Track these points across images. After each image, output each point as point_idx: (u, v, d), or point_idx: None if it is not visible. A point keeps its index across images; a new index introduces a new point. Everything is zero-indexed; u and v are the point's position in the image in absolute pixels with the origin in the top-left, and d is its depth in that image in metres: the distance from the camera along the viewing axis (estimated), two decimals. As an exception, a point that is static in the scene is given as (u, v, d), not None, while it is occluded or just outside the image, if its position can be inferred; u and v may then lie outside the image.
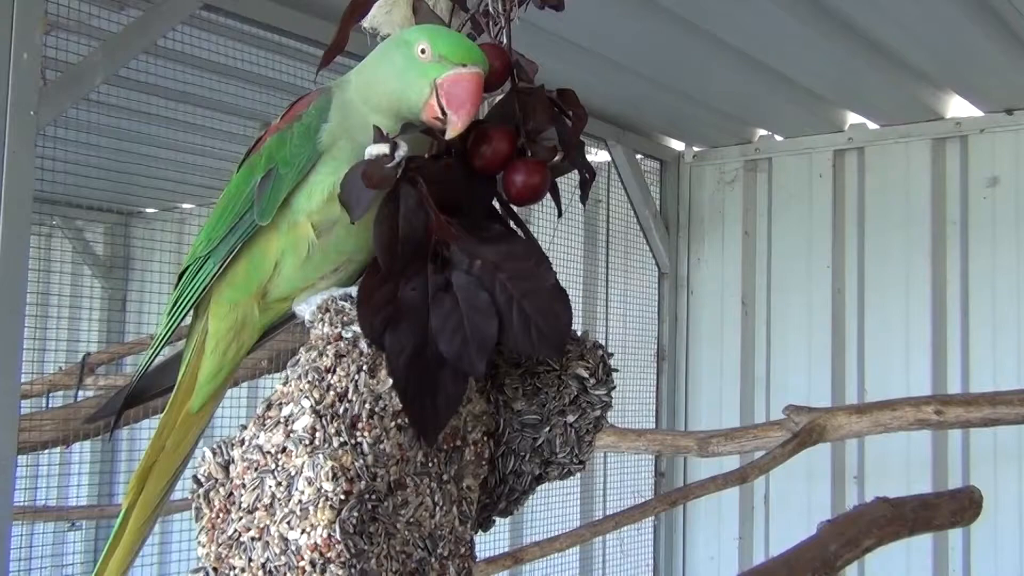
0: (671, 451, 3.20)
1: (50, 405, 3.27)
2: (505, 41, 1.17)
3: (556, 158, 1.12)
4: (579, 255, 4.27)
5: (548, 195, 1.15)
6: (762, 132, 4.47)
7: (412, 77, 1.05)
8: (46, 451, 3.03)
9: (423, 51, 1.05)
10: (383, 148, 1.02)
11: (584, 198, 1.17)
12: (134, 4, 2.66)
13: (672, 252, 4.60)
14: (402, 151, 1.02)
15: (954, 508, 2.15)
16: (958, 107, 3.96)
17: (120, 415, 1.23)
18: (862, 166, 4.24)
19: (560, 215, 1.19)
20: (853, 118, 4.20)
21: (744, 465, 2.64)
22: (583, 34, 3.24)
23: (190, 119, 3.64)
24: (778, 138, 4.44)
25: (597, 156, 4.31)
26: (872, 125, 4.19)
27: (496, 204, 1.15)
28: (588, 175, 1.17)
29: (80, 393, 3.24)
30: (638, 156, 4.47)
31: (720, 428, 3.09)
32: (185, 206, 4.74)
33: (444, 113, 1.04)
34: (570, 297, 1.06)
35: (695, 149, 4.68)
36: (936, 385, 3.92)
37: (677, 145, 4.69)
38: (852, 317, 4.19)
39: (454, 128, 1.04)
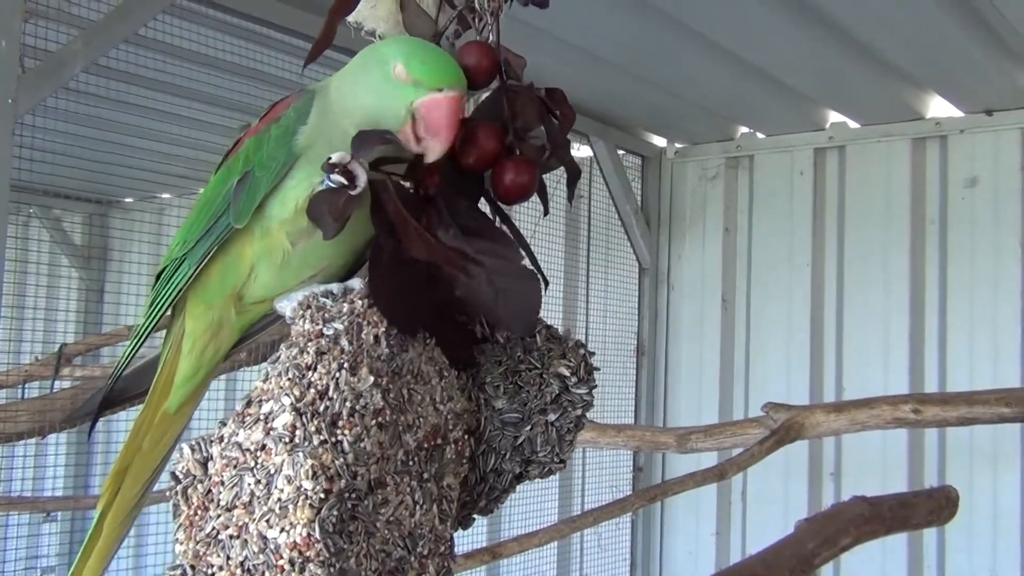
0: (650, 447, 3.23)
1: (26, 396, 3.24)
2: (492, 38, 1.16)
3: (544, 157, 1.12)
4: (560, 250, 4.27)
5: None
6: (744, 129, 4.48)
7: (388, 99, 1.04)
8: (21, 442, 3.01)
9: (398, 73, 1.03)
10: (341, 180, 1.00)
11: (570, 197, 1.17)
12: (114, -8, 2.64)
13: (653, 248, 4.61)
14: (362, 180, 1.00)
15: (931, 507, 2.17)
16: (938, 107, 3.98)
17: (97, 418, 1.20)
18: (843, 164, 4.25)
19: (546, 213, 1.18)
20: (834, 116, 4.21)
21: (722, 462, 2.67)
22: (566, 29, 3.23)
23: (170, 109, 3.62)
24: (760, 135, 4.45)
25: (579, 151, 4.30)
26: (853, 124, 4.21)
27: (485, 202, 1.14)
28: (574, 173, 1.17)
29: (56, 384, 3.21)
30: (620, 152, 4.47)
31: (699, 424, 3.12)
32: (164, 196, 4.71)
33: (420, 138, 1.04)
34: (551, 292, 1.06)
35: (677, 145, 4.68)
36: (914, 384, 3.94)
37: (659, 141, 4.69)
38: (831, 315, 4.21)
39: (433, 153, 1.04)
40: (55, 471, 3.79)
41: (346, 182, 1.00)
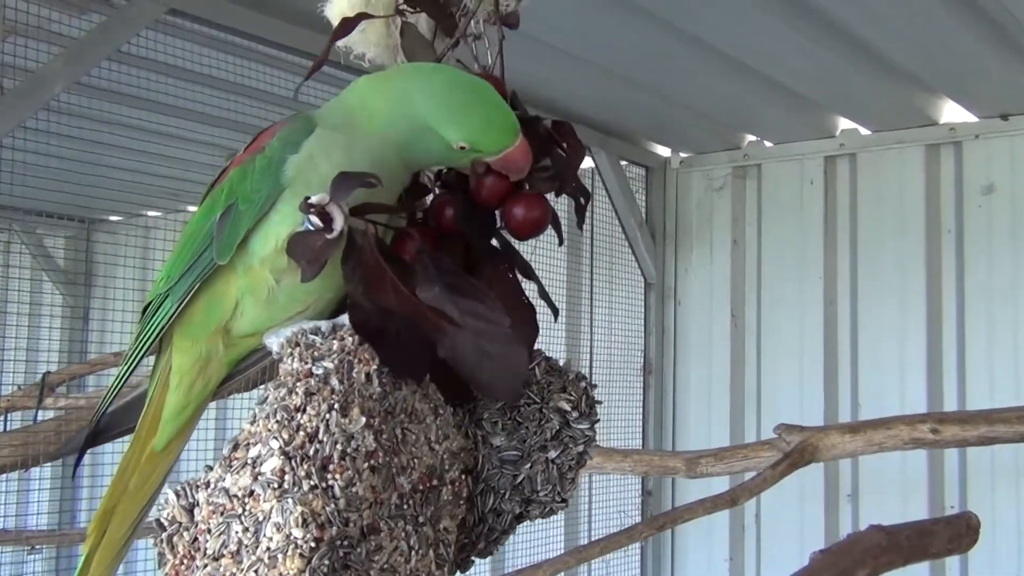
0: (658, 472, 3.13)
1: (8, 427, 3.21)
2: (493, 66, 1.18)
3: (554, 189, 1.12)
4: (562, 265, 4.20)
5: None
6: (751, 138, 4.42)
7: (457, 161, 1.08)
8: (3, 475, 2.96)
9: (463, 148, 1.05)
10: (318, 222, 0.98)
11: (580, 224, 1.18)
12: (96, 9, 2.60)
13: (659, 262, 4.54)
14: (339, 223, 0.97)
15: (951, 535, 2.09)
16: (952, 112, 3.91)
17: (82, 456, 1.17)
18: (854, 173, 4.18)
19: (561, 243, 1.17)
20: (844, 123, 4.15)
21: (734, 487, 2.57)
22: (566, 39, 3.18)
23: (155, 126, 3.60)
24: (768, 144, 4.39)
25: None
26: (864, 131, 4.14)
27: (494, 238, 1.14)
28: (583, 200, 1.16)
29: (39, 414, 3.16)
30: (623, 162, 4.40)
31: (709, 446, 3.04)
32: (151, 214, 4.67)
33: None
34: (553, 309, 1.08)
35: (682, 155, 4.61)
36: (932, 401, 3.86)
37: (663, 151, 4.63)
38: (845, 330, 4.13)
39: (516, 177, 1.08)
40: (39, 505, 3.76)
41: (322, 225, 0.98)
